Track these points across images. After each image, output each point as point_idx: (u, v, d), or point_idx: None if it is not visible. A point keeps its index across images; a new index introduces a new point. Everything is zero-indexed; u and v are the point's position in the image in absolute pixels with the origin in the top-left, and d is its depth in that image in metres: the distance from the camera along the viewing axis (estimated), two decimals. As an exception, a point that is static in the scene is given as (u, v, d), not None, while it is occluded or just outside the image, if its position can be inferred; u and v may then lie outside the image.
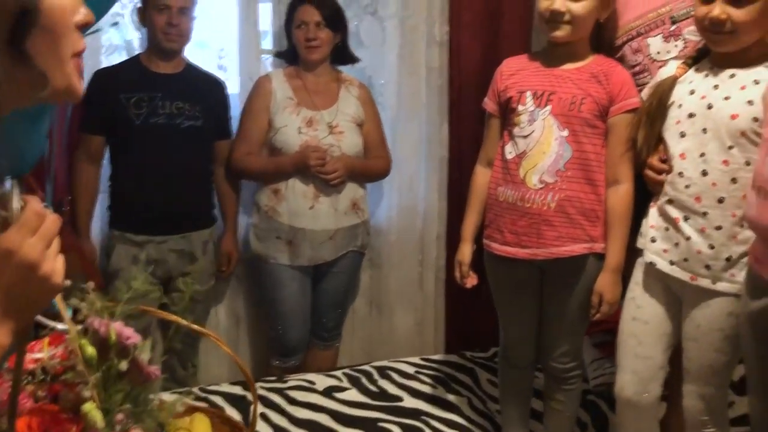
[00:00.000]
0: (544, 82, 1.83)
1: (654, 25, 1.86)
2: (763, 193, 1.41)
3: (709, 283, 1.65)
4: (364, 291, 2.83)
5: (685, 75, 1.70)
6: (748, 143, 1.57)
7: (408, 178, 2.79)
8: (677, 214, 1.67)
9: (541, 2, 1.78)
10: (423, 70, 2.72)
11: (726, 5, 1.54)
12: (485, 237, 1.96)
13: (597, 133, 1.80)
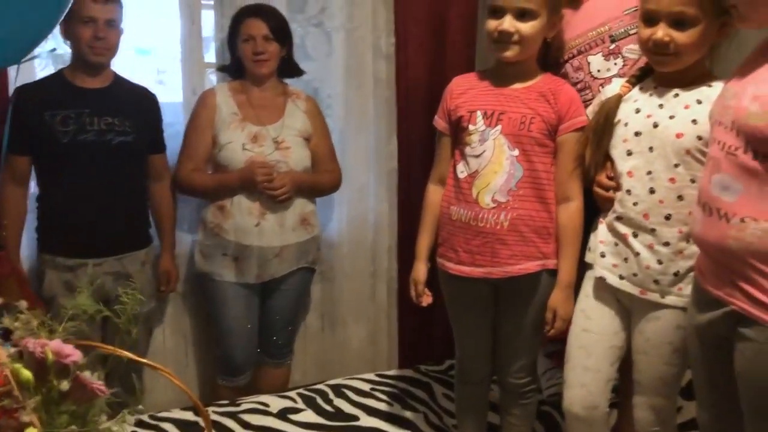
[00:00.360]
0: (494, 102, 1.84)
1: (594, 43, 1.89)
2: (708, 209, 1.43)
3: (658, 297, 1.68)
4: (316, 305, 2.80)
5: (630, 93, 1.73)
6: (693, 161, 1.61)
7: (358, 190, 2.77)
8: (626, 231, 1.70)
9: (489, 23, 1.78)
10: (370, 82, 2.71)
11: (669, 28, 1.57)
12: (439, 255, 1.96)
13: (546, 152, 1.82)
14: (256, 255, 2.31)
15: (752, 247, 1.35)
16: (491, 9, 1.79)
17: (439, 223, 1.96)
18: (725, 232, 1.39)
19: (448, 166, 1.93)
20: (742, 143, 1.36)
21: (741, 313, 1.40)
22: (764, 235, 1.34)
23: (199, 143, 2.33)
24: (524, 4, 1.73)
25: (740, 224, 1.36)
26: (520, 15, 1.74)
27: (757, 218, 1.34)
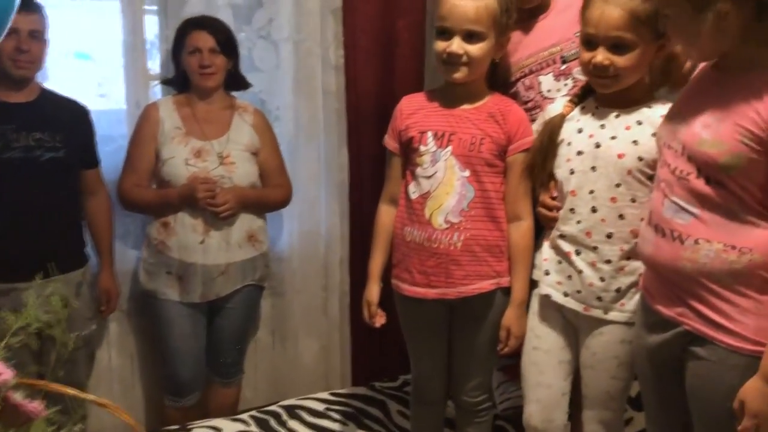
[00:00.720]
0: (444, 123, 1.84)
1: (546, 63, 1.92)
2: (660, 230, 1.45)
3: (601, 313, 1.71)
4: (267, 320, 2.76)
5: (573, 113, 1.75)
6: (634, 181, 1.64)
7: (308, 203, 2.74)
8: (569, 249, 1.72)
9: (438, 44, 1.79)
10: (319, 94, 2.68)
11: (608, 52, 1.60)
12: (394, 277, 1.96)
13: (496, 172, 1.83)
14: (200, 273, 2.26)
15: (705, 268, 1.38)
16: (439, 30, 1.79)
17: (392, 244, 1.95)
18: (679, 253, 1.41)
19: (399, 186, 1.93)
20: (693, 169, 1.39)
21: (693, 333, 1.42)
22: (717, 257, 1.37)
23: (141, 158, 2.28)
24: (472, 27, 1.74)
25: (694, 246, 1.39)
26: (468, 37, 1.75)
27: (711, 240, 1.37)
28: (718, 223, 1.37)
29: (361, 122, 2.77)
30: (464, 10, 1.73)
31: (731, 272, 1.36)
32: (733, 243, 1.36)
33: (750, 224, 1.35)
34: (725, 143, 1.32)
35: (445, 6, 1.76)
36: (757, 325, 1.35)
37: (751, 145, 1.30)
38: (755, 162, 1.31)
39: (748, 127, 1.30)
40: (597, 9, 1.59)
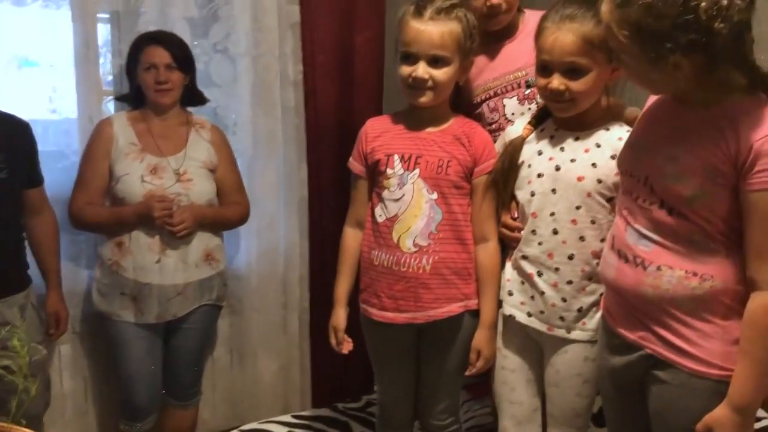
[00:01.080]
0: (411, 145, 1.84)
1: (511, 87, 1.95)
2: (623, 256, 1.47)
3: (564, 333, 1.73)
4: (224, 339, 2.71)
5: (532, 135, 1.77)
6: (594, 203, 1.66)
7: (267, 220, 2.70)
8: (531, 270, 1.74)
9: (403, 69, 1.79)
10: (278, 110, 2.66)
11: (563, 77, 1.62)
12: (362, 301, 1.95)
13: (463, 194, 1.84)
14: (156, 294, 2.20)
15: (668, 294, 1.40)
16: (404, 55, 1.79)
17: (360, 268, 1.94)
18: (641, 279, 1.43)
19: (365, 209, 1.92)
20: (656, 199, 1.41)
21: (655, 357, 1.44)
22: (679, 283, 1.39)
23: (93, 175, 2.21)
24: (437, 52, 1.75)
25: (657, 272, 1.41)
26: (433, 62, 1.76)
27: (673, 267, 1.40)
28: (680, 250, 1.39)
29: (321, 137, 2.75)
30: (429, 36, 1.74)
31: (693, 298, 1.38)
32: (694, 270, 1.38)
33: (711, 252, 1.37)
34: (689, 177, 1.34)
35: (409, 32, 1.76)
36: (720, 350, 1.37)
37: (712, 178, 1.32)
38: (717, 195, 1.33)
39: (710, 161, 1.32)
40: (550, 35, 1.61)
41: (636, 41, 1.29)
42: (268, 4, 2.56)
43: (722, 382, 1.37)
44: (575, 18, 1.58)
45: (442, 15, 1.75)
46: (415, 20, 1.76)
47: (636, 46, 1.30)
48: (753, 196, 1.29)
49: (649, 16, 1.24)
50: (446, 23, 1.75)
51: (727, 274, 1.36)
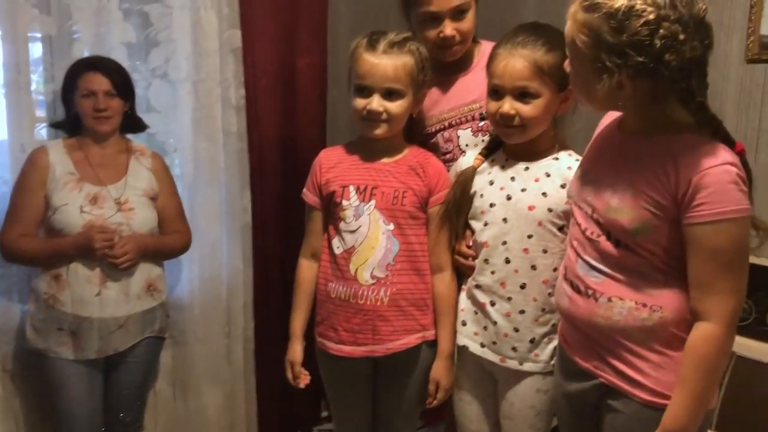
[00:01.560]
0: (366, 176, 1.84)
1: (465, 119, 1.97)
2: (575, 287, 1.50)
3: (517, 364, 1.74)
4: (167, 372, 2.62)
5: (484, 165, 1.79)
6: (546, 232, 1.69)
7: (209, 248, 2.64)
8: (484, 299, 1.75)
9: (358, 101, 1.79)
10: (220, 135, 2.61)
11: (514, 101, 1.64)
12: (318, 335, 1.92)
13: (419, 224, 1.84)
14: (96, 328, 2.10)
15: (619, 325, 1.42)
16: (358, 88, 1.79)
17: (316, 301, 1.90)
18: (593, 310, 1.45)
19: (320, 241, 1.90)
20: (603, 232, 1.43)
21: (609, 386, 1.45)
22: (629, 314, 1.41)
23: (28, 206, 2.11)
24: (392, 85, 1.76)
25: (608, 303, 1.43)
26: (387, 94, 1.77)
27: (623, 298, 1.42)
28: (629, 282, 1.42)
29: (264, 163, 2.72)
30: (383, 69, 1.75)
31: (643, 329, 1.41)
32: (644, 301, 1.40)
33: (659, 284, 1.40)
34: (632, 210, 1.37)
35: (363, 65, 1.77)
36: (672, 380, 1.39)
37: (654, 212, 1.35)
38: (660, 228, 1.36)
39: (652, 195, 1.35)
40: (502, 61, 1.64)
41: (591, 48, 1.31)
42: (209, 29, 2.52)
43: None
44: (526, 45, 1.62)
45: (395, 48, 1.76)
46: (369, 53, 1.76)
47: (590, 53, 1.32)
48: (692, 230, 1.33)
49: (609, 27, 1.27)
50: (399, 57, 1.76)
51: (675, 305, 1.39)
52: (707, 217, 1.30)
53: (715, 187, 1.29)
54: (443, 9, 1.86)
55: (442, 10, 1.87)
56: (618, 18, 1.26)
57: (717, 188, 1.29)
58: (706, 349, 1.34)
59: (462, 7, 1.88)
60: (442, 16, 1.87)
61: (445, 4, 1.86)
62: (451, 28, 1.88)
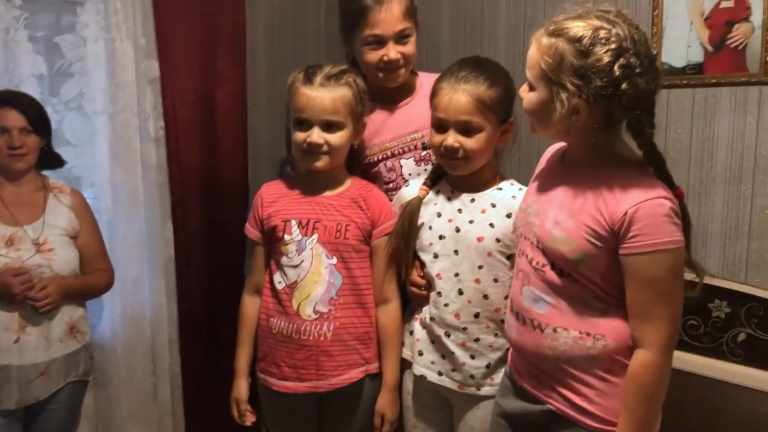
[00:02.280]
0: (309, 210, 1.82)
1: (407, 148, 1.98)
2: (522, 319, 1.54)
3: (475, 390, 1.77)
4: (89, 415, 2.49)
5: (429, 196, 1.81)
6: (495, 262, 1.73)
7: (131, 284, 2.55)
8: (440, 331, 1.77)
9: (298, 135, 1.79)
10: (139, 167, 2.54)
11: (457, 135, 1.69)
12: (260, 371, 1.88)
13: (363, 257, 1.84)
14: (15, 376, 1.99)
15: (565, 355, 1.47)
16: (297, 121, 1.79)
17: (258, 337, 1.86)
18: (540, 341, 1.49)
19: (262, 276, 1.87)
20: (548, 261, 1.48)
21: (557, 413, 1.50)
22: (575, 344, 1.45)
23: (-65, 250, 1.98)
24: (331, 117, 1.76)
25: (553, 334, 1.47)
26: (327, 127, 1.77)
27: (568, 328, 1.46)
28: (572, 311, 1.46)
29: (186, 194, 2.67)
30: (321, 102, 1.75)
31: (589, 358, 1.45)
32: (587, 330, 1.45)
33: (602, 313, 1.45)
34: (574, 241, 1.42)
35: (301, 98, 1.76)
36: (618, 407, 1.43)
37: (594, 242, 1.41)
38: (600, 258, 1.41)
39: (591, 226, 1.41)
40: (446, 95, 1.69)
41: (554, 70, 1.36)
42: (125, 60, 2.46)
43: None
44: (469, 80, 1.67)
45: (332, 81, 1.77)
46: (306, 87, 1.77)
47: (552, 75, 1.37)
48: (628, 260, 1.38)
49: (574, 50, 1.34)
50: (337, 89, 1.77)
51: (617, 333, 1.44)
52: (641, 248, 1.36)
53: (649, 220, 1.35)
54: (388, 33, 1.89)
55: (386, 34, 1.89)
56: (583, 43, 1.33)
57: (650, 221, 1.35)
58: (644, 376, 1.39)
59: (406, 32, 1.91)
60: (386, 39, 1.90)
61: (390, 28, 1.88)
62: (396, 51, 1.90)
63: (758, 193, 2.17)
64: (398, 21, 1.88)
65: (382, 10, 1.86)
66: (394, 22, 1.88)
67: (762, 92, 2.13)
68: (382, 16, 1.87)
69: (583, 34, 1.34)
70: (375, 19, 1.87)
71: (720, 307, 2.22)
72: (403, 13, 1.88)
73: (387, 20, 1.87)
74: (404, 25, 1.89)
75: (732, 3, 2.16)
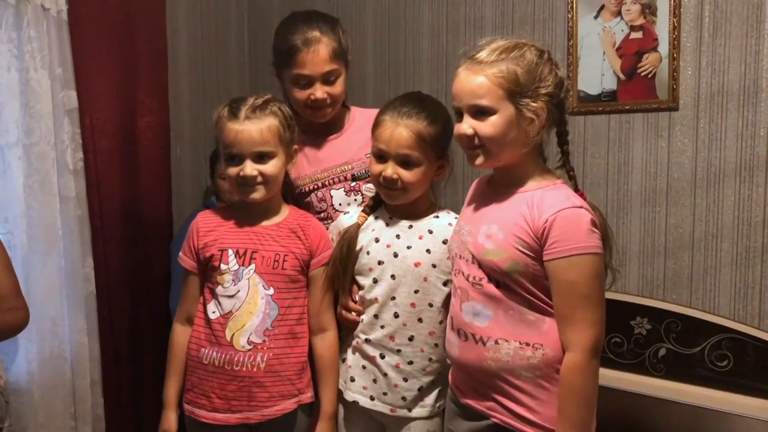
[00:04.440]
0: (246, 240, 1.79)
1: (338, 179, 2.00)
2: (463, 334, 1.57)
3: (407, 412, 1.78)
4: (3, 466, 2.36)
5: (367, 222, 1.83)
6: (431, 287, 1.76)
7: (49, 323, 2.44)
8: (374, 353, 1.78)
9: (230, 170, 1.77)
10: (56, 201, 2.44)
11: (397, 166, 1.73)
12: (187, 402, 1.81)
13: (300, 287, 1.82)
14: (-76, 427, 1.87)
15: (507, 366, 1.50)
16: (229, 156, 1.76)
17: (186, 367, 1.81)
18: (482, 354, 1.53)
19: (195, 306, 1.82)
20: (484, 275, 1.53)
21: (502, 425, 1.52)
22: (516, 354, 1.49)
23: None
24: (261, 148, 1.75)
25: (495, 346, 1.51)
26: (258, 158, 1.75)
27: (508, 339, 1.50)
28: (511, 322, 1.51)
29: (107, 228, 2.59)
30: (249, 135, 1.74)
31: (530, 368, 1.49)
32: (526, 340, 1.50)
33: (537, 322, 1.50)
34: (505, 251, 1.49)
35: (229, 133, 1.75)
36: (554, 414, 1.47)
37: (524, 251, 1.48)
38: (530, 266, 1.48)
39: (519, 236, 1.48)
40: (388, 129, 1.73)
41: (513, 86, 1.46)
42: (41, 90, 2.38)
43: None
44: (411, 116, 1.72)
45: (258, 112, 1.76)
46: (232, 122, 1.75)
47: (514, 89, 1.47)
48: (550, 265, 1.46)
49: (522, 66, 1.47)
50: (263, 120, 1.76)
51: (555, 342, 1.49)
52: (560, 253, 1.44)
53: (567, 227, 1.44)
54: (315, 74, 1.91)
55: (313, 74, 1.91)
56: (527, 59, 1.48)
57: (568, 228, 1.44)
58: (572, 379, 1.45)
59: (333, 73, 1.93)
60: (313, 79, 1.92)
61: (317, 69, 1.91)
62: (322, 91, 1.92)
63: (672, 213, 2.28)
64: (325, 63, 1.91)
65: (310, 52, 1.89)
66: (321, 63, 1.90)
67: (671, 117, 2.26)
68: (309, 58, 1.89)
69: (524, 52, 1.48)
70: (302, 60, 1.89)
71: (641, 324, 2.32)
72: (330, 55, 1.91)
73: (314, 62, 1.90)
74: (331, 67, 1.92)
75: (641, 34, 2.29)
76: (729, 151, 2.17)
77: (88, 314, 2.53)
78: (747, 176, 2.15)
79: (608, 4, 2.34)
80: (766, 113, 2.11)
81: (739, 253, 2.17)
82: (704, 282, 2.23)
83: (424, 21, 2.79)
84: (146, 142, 2.72)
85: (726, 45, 2.16)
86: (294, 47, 1.89)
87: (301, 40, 1.89)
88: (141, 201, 2.70)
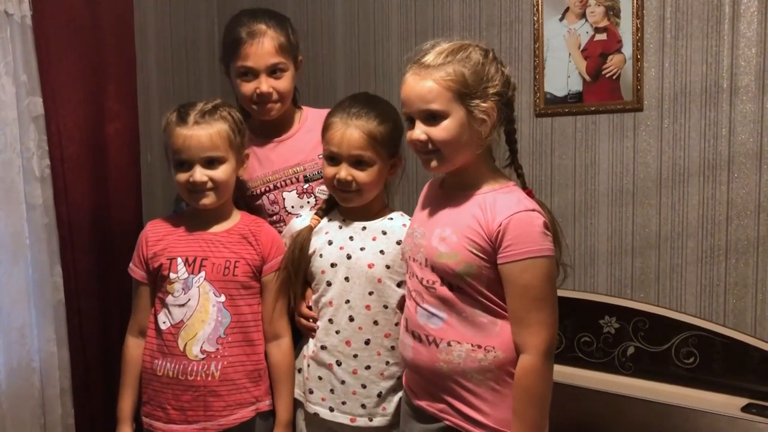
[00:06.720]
0: (195, 247, 1.78)
1: (290, 181, 1.99)
2: (417, 336, 1.58)
3: (367, 421, 1.77)
4: (-29, 480, 2.32)
5: (320, 225, 1.82)
6: (385, 288, 1.76)
7: (17, 333, 2.40)
8: (331, 360, 1.76)
9: (180, 175, 1.76)
10: (23, 209, 2.41)
11: (350, 168, 1.72)
12: (144, 415, 1.80)
13: (252, 294, 1.81)
14: None
15: (459, 368, 1.52)
16: (178, 162, 1.76)
17: (141, 380, 1.79)
18: (435, 356, 1.53)
19: (147, 317, 1.81)
20: (438, 278, 1.54)
21: (454, 428, 1.53)
22: (467, 356, 1.51)
23: None
24: (210, 153, 1.75)
25: (447, 348, 1.52)
26: (208, 163, 1.74)
27: (460, 341, 1.52)
28: (464, 325, 1.52)
29: (76, 236, 2.55)
30: (198, 140, 1.73)
31: (481, 370, 1.51)
32: (478, 343, 1.51)
33: (489, 324, 1.51)
34: (458, 254, 1.50)
35: (178, 139, 1.74)
36: (508, 417, 1.48)
37: (477, 254, 1.49)
38: (484, 269, 1.49)
39: (473, 238, 1.49)
40: (338, 130, 1.72)
41: (463, 89, 1.48)
42: (5, 97, 2.34)
43: None
44: (361, 116, 1.72)
45: (207, 117, 1.75)
46: (181, 127, 1.74)
47: (464, 91, 1.48)
48: (504, 269, 1.48)
49: (468, 68, 1.48)
50: (212, 125, 1.75)
51: (507, 344, 1.50)
52: (514, 256, 1.46)
53: (520, 230, 1.46)
54: (259, 66, 1.90)
55: (257, 67, 1.90)
56: (473, 60, 1.50)
57: (521, 231, 1.46)
58: (527, 381, 1.46)
59: (279, 66, 1.92)
60: (258, 72, 1.91)
61: (261, 61, 1.89)
62: (267, 84, 1.91)
63: (638, 213, 2.31)
64: (270, 55, 1.90)
65: (254, 43, 1.89)
66: (266, 56, 1.90)
67: (636, 118, 2.29)
68: (253, 50, 1.89)
69: (469, 53, 1.50)
70: (246, 52, 1.89)
71: (610, 323, 2.34)
72: (276, 48, 1.91)
73: (258, 53, 1.89)
74: (277, 60, 1.91)
75: (605, 36, 2.31)
76: (692, 151, 2.20)
77: (56, 323, 2.49)
78: (710, 175, 2.18)
79: (573, 6, 2.37)
80: (727, 113, 2.14)
81: (704, 251, 2.20)
82: (671, 280, 2.25)
83: (393, 24, 2.80)
84: (115, 149, 2.69)
85: (688, 46, 2.19)
86: (239, 39, 1.89)
87: (246, 32, 1.89)
88: (110, 208, 2.67)
